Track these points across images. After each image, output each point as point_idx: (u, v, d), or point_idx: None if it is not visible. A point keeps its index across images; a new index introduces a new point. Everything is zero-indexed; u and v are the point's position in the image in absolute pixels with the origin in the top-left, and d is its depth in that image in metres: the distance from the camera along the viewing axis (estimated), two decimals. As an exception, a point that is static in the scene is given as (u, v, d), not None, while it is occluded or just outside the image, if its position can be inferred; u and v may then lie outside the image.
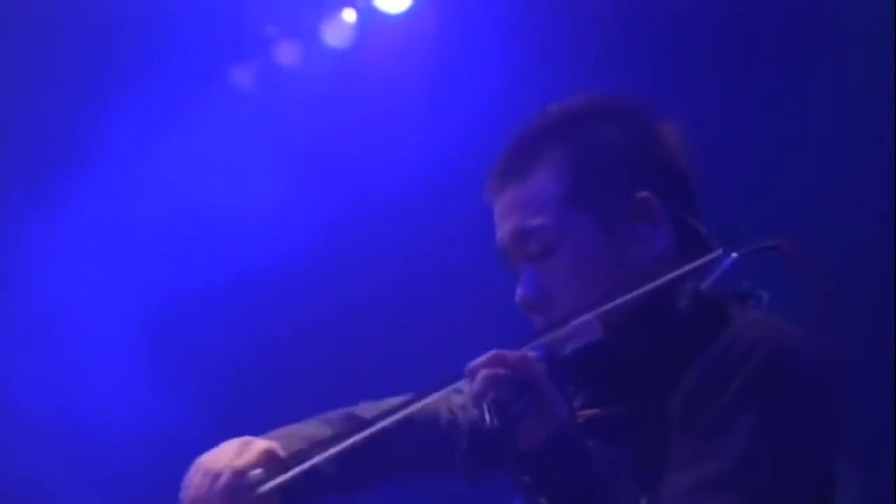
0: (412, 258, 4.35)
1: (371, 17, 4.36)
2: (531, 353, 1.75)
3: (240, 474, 1.86)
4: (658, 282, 1.77)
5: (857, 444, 1.89)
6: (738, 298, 1.83)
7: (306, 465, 1.84)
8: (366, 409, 2.00)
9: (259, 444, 1.90)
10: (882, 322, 3.92)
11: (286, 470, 1.86)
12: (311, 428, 1.98)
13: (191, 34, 4.21)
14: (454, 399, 1.97)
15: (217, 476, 1.86)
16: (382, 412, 1.87)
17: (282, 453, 1.90)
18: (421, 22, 4.32)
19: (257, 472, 1.86)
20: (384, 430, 1.84)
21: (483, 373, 1.69)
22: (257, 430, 1.92)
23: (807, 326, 1.77)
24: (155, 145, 4.30)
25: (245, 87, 4.42)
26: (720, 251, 1.81)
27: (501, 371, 1.69)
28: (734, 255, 1.80)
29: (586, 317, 1.78)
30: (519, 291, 1.88)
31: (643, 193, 1.86)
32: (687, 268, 1.78)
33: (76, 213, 4.27)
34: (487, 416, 1.65)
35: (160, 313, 4.36)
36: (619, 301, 1.77)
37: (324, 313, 4.38)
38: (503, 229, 1.90)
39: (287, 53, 4.45)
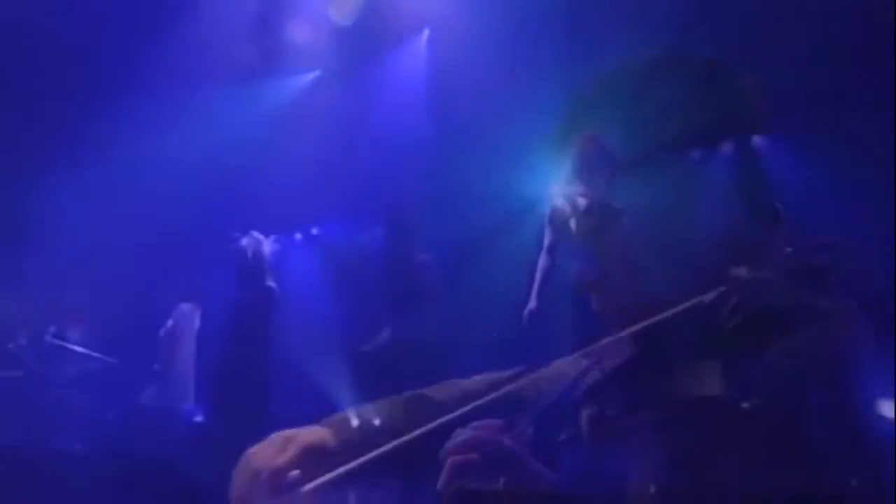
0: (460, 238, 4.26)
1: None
2: (503, 421, 1.63)
3: (278, 474, 1.77)
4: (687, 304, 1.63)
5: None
6: (814, 276, 1.68)
7: (346, 467, 1.72)
8: (441, 388, 1.90)
9: (301, 440, 1.81)
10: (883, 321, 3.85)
11: (332, 463, 1.74)
12: (372, 411, 1.88)
13: (207, 16, 4.17)
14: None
15: (256, 475, 1.77)
16: (450, 398, 1.77)
17: (332, 443, 1.81)
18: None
19: (295, 473, 1.77)
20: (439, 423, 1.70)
21: (451, 461, 1.59)
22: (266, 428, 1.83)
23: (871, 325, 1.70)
24: (162, 141, 4.23)
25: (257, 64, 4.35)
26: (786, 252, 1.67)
27: (472, 457, 1.58)
28: (788, 250, 1.68)
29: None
30: (578, 269, 1.78)
31: (709, 154, 1.75)
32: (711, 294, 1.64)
33: (75, 218, 4.19)
34: None
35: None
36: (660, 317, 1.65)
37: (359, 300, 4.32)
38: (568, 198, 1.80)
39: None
